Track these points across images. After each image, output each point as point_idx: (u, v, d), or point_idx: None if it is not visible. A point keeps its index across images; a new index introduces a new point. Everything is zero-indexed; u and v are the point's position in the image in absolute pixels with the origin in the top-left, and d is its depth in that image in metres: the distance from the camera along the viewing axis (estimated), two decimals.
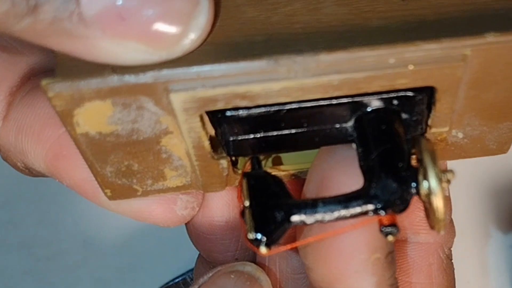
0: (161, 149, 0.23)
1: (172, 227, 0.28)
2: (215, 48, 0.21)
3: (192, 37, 0.20)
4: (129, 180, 0.24)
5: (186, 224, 0.30)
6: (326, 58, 0.20)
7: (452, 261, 0.30)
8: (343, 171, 0.23)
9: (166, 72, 0.20)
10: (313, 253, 0.24)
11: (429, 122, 0.23)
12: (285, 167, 0.26)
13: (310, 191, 0.24)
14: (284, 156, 0.27)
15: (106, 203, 0.26)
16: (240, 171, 0.26)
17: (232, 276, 0.26)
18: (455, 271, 0.30)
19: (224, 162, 0.24)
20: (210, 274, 0.27)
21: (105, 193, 0.25)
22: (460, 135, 0.24)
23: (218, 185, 0.25)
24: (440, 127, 0.23)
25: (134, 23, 0.19)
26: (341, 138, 0.23)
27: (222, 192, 0.28)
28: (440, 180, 0.21)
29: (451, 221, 0.30)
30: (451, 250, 0.30)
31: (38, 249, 0.57)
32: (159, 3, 0.19)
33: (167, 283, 0.56)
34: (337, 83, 0.21)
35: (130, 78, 0.20)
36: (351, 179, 0.22)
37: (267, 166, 0.26)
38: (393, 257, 0.25)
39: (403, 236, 0.29)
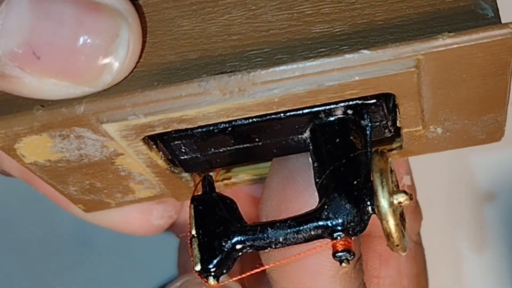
0: (117, 168, 0.22)
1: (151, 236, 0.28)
2: (147, 71, 0.20)
3: (114, 70, 0.19)
4: (97, 195, 0.24)
5: None
6: (261, 76, 0.19)
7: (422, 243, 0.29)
8: (303, 183, 0.22)
9: (94, 104, 0.19)
10: (278, 268, 0.23)
11: (398, 123, 0.21)
12: (237, 178, 0.25)
13: (270, 205, 0.23)
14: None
15: (81, 214, 0.26)
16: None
17: None
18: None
19: (187, 175, 0.23)
20: (178, 284, 0.26)
21: (79, 207, 0.24)
22: (439, 130, 0.22)
23: (188, 194, 0.24)
24: (412, 127, 0.21)
25: (50, 60, 0.19)
26: (300, 148, 0.22)
27: None
28: (390, 204, 0.19)
29: (417, 205, 0.28)
30: (419, 235, 0.29)
31: (34, 249, 0.57)
32: (74, 38, 0.19)
33: (164, 284, 0.56)
34: (278, 99, 0.19)
35: (58, 113, 0.19)
36: (311, 192, 0.22)
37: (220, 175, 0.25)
38: (361, 263, 0.24)
39: (366, 231, 0.28)
